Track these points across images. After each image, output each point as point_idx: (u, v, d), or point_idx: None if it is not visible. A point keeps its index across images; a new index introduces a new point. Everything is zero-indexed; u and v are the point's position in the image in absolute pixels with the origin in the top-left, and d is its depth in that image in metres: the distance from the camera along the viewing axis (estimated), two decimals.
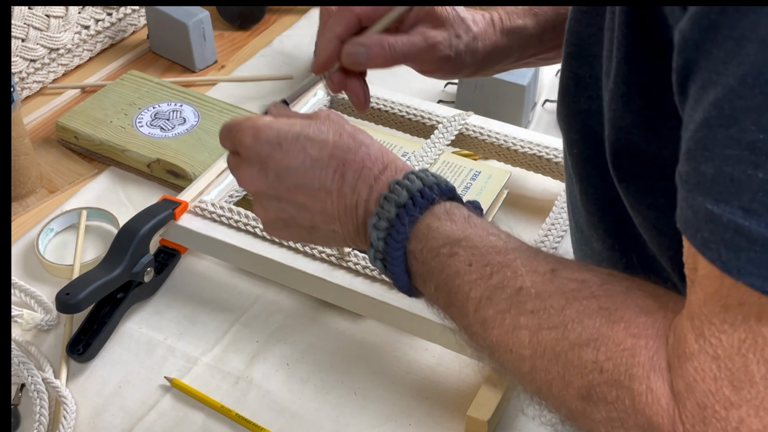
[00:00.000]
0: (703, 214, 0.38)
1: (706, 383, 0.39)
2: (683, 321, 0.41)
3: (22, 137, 0.92)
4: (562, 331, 0.45)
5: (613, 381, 0.42)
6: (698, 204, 0.38)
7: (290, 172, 0.56)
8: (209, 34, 1.15)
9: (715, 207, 0.37)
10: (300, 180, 0.56)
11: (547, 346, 0.45)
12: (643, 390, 0.41)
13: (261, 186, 0.57)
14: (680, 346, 0.41)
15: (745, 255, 0.37)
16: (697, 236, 0.39)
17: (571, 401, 0.45)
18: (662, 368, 0.41)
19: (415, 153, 0.91)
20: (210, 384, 0.75)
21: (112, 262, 0.77)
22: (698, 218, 0.38)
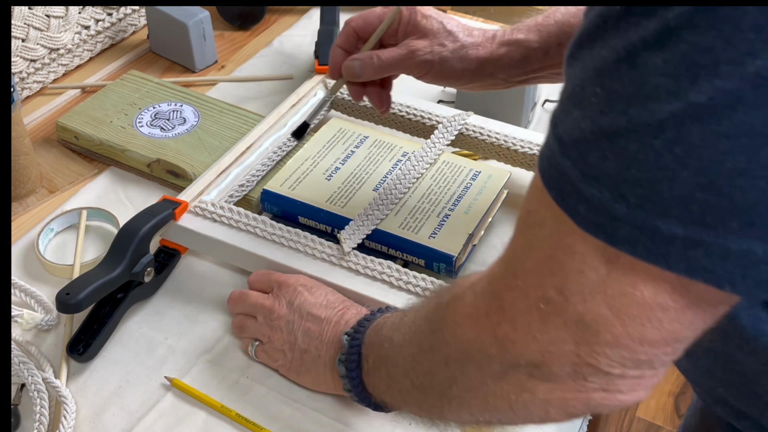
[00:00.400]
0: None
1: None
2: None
3: (22, 137, 0.92)
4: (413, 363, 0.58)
5: (454, 347, 0.53)
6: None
7: (309, 306, 0.73)
8: (209, 34, 1.15)
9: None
10: (314, 312, 0.72)
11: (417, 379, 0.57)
12: (457, 317, 0.52)
13: (284, 313, 0.74)
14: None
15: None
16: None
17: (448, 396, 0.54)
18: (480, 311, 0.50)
19: (415, 153, 0.91)
20: (210, 384, 0.75)
21: (112, 262, 0.77)
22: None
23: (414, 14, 0.78)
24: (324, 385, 0.72)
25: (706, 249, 0.39)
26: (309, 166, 0.91)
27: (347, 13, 1.26)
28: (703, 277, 0.39)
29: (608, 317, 0.43)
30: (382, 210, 0.84)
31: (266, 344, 0.75)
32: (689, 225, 0.38)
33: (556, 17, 0.77)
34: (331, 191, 0.87)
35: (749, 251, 0.38)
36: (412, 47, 0.76)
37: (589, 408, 0.48)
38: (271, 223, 0.83)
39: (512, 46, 0.77)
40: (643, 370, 0.45)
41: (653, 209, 0.39)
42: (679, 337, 0.44)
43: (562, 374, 0.46)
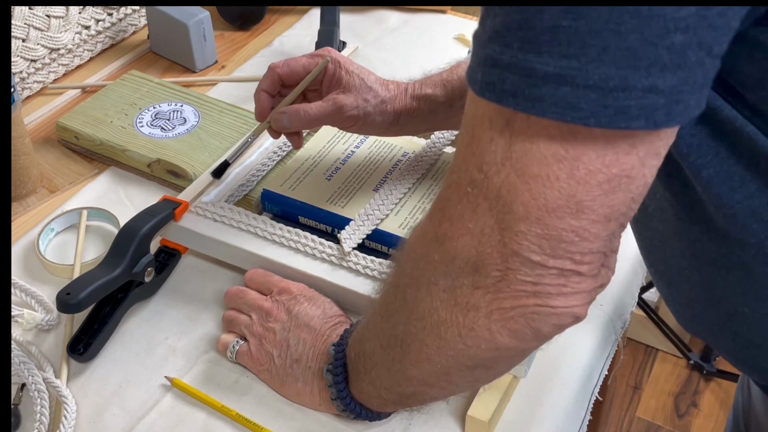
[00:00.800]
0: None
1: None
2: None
3: (22, 137, 0.92)
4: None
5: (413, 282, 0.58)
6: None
7: (307, 316, 0.74)
8: (209, 34, 1.15)
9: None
10: (311, 323, 0.74)
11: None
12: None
13: (282, 318, 0.75)
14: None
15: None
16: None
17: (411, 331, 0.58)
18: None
19: (415, 153, 0.91)
20: (210, 384, 0.75)
21: (113, 262, 0.77)
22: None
23: (338, 69, 0.83)
24: (308, 397, 0.72)
25: (571, 82, 0.44)
26: (309, 166, 0.91)
27: (347, 13, 1.27)
28: (572, 116, 0.44)
29: (517, 184, 0.48)
30: (382, 210, 0.84)
31: (253, 345, 0.75)
32: (558, 59, 0.43)
33: (459, 73, 0.84)
34: (331, 191, 0.87)
35: (605, 78, 0.43)
36: (339, 103, 0.81)
37: (526, 320, 0.52)
38: (271, 223, 0.83)
39: (422, 100, 0.85)
40: (563, 261, 0.49)
41: (530, 48, 0.44)
42: (581, 205, 0.47)
43: (497, 275, 0.51)
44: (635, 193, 0.49)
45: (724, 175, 0.55)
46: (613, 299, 0.84)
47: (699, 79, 0.44)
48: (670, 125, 0.45)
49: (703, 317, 0.68)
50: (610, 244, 0.51)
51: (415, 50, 1.20)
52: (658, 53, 0.42)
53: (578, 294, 0.51)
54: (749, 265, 0.59)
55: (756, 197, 0.55)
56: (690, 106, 0.45)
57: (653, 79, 0.43)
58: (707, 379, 1.91)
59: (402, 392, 0.64)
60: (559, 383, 0.76)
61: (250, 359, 0.75)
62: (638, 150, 0.47)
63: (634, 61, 0.43)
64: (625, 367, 1.94)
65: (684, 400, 1.88)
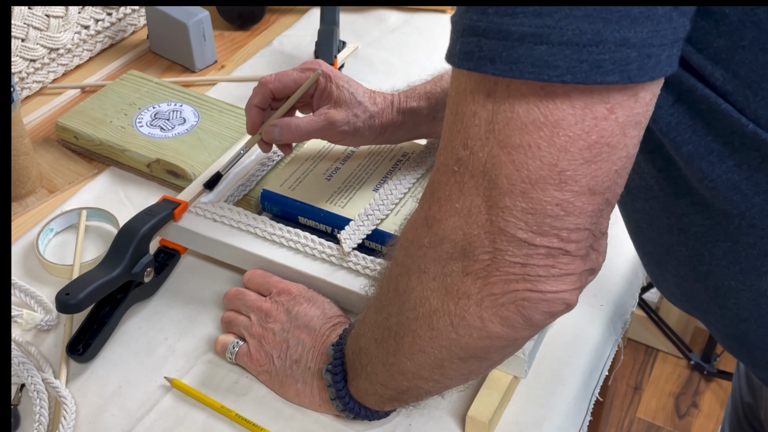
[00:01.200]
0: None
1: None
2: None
3: (22, 137, 0.92)
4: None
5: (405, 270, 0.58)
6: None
7: (306, 317, 0.74)
8: (209, 34, 1.15)
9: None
10: (310, 323, 0.74)
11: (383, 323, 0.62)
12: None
13: (281, 319, 0.75)
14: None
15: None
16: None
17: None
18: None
19: (415, 153, 0.91)
20: (210, 384, 0.75)
21: (112, 262, 0.77)
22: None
23: (329, 83, 0.84)
24: (308, 398, 0.72)
25: (546, 40, 0.44)
26: (309, 166, 0.91)
27: (347, 13, 1.27)
28: (548, 74, 0.45)
29: (500, 157, 0.48)
30: (382, 210, 0.83)
31: (253, 346, 0.75)
32: (533, 18, 0.44)
33: (442, 85, 0.86)
34: (331, 191, 0.87)
35: (579, 33, 0.44)
36: (331, 119, 0.83)
37: (517, 307, 0.52)
38: (271, 223, 0.83)
39: (407, 114, 0.87)
40: (550, 239, 0.49)
41: (505, 11, 0.45)
42: (563, 175, 0.48)
43: (486, 259, 0.51)
44: (618, 165, 0.49)
45: (703, 152, 0.56)
46: (614, 299, 0.84)
47: (668, 35, 0.45)
48: (643, 80, 0.46)
49: (692, 294, 0.68)
50: (597, 223, 0.51)
51: (415, 50, 1.20)
52: (628, 5, 0.44)
53: (568, 276, 0.51)
54: (734, 236, 0.60)
55: (735, 172, 0.56)
56: (661, 62, 0.46)
57: (624, 31, 0.44)
58: (708, 379, 1.91)
59: (397, 387, 0.64)
60: (560, 383, 0.76)
61: (250, 360, 0.75)
62: (617, 115, 0.47)
63: (605, 13, 0.44)
64: (626, 368, 1.93)
65: (684, 400, 1.88)
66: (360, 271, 0.78)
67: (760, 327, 0.64)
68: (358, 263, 0.79)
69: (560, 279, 0.51)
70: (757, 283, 0.61)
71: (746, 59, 0.51)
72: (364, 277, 0.78)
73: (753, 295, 0.62)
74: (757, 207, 0.57)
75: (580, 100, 0.46)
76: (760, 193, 0.56)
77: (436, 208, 0.53)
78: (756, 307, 0.63)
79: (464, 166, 0.50)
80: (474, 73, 0.48)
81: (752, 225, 0.58)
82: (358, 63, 1.17)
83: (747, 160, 0.55)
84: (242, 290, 0.79)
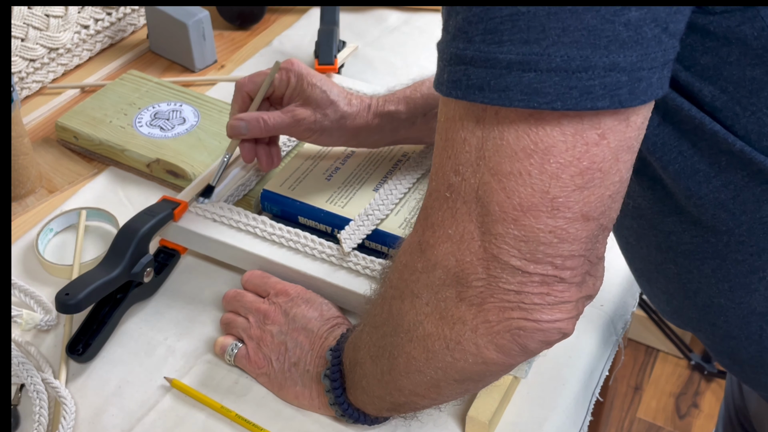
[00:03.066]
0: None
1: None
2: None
3: (21, 137, 0.92)
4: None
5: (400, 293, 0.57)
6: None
7: (304, 319, 0.74)
8: (209, 33, 1.15)
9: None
10: (308, 325, 0.73)
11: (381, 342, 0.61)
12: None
13: (279, 321, 0.75)
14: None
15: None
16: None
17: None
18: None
19: (415, 153, 0.91)
20: (209, 384, 0.75)
21: (112, 263, 0.77)
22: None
23: (301, 81, 0.83)
24: (307, 401, 0.72)
25: (534, 67, 0.44)
26: (309, 166, 0.90)
27: (347, 12, 1.27)
28: (538, 101, 0.44)
29: (491, 184, 0.48)
30: (382, 210, 0.83)
31: (251, 348, 0.75)
32: (520, 46, 0.44)
33: (422, 91, 0.85)
34: (331, 191, 0.87)
35: (567, 59, 0.43)
36: (297, 116, 0.82)
37: (513, 336, 0.51)
38: (271, 223, 0.83)
39: (384, 118, 0.86)
40: (544, 266, 0.49)
41: (492, 39, 0.45)
42: (555, 202, 0.47)
43: (479, 286, 0.50)
44: (612, 190, 0.48)
45: (690, 171, 0.56)
46: (614, 300, 0.84)
47: (658, 57, 0.45)
48: (635, 104, 0.45)
49: (683, 311, 0.68)
50: (592, 249, 0.50)
51: (415, 50, 1.20)
52: (616, 30, 0.43)
53: (563, 305, 0.50)
54: (723, 253, 0.59)
55: (722, 191, 0.56)
56: (652, 85, 0.45)
57: (613, 56, 0.44)
58: (708, 379, 1.91)
59: (394, 401, 0.64)
60: (560, 384, 0.76)
61: (248, 363, 0.74)
62: (608, 140, 0.46)
63: (593, 39, 0.43)
64: (626, 368, 1.93)
65: (685, 400, 1.88)
66: (360, 272, 0.78)
67: (751, 344, 0.64)
68: (358, 263, 0.78)
69: (556, 307, 0.50)
70: (747, 300, 0.61)
71: (734, 75, 0.51)
72: (364, 277, 0.78)
73: (743, 312, 0.62)
74: (745, 225, 0.57)
75: (570, 126, 0.46)
76: (747, 212, 0.56)
77: (430, 234, 0.52)
78: (746, 324, 0.63)
79: (456, 192, 0.50)
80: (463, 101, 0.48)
81: (741, 242, 0.58)
82: (358, 63, 1.16)
83: (734, 180, 0.55)
84: (240, 291, 0.79)
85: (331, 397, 0.68)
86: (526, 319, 0.50)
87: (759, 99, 0.51)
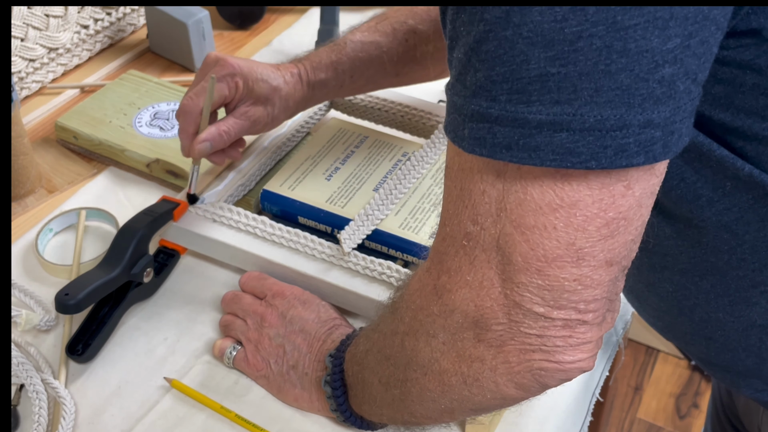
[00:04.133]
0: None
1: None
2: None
3: (21, 137, 0.92)
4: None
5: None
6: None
7: (302, 321, 0.74)
8: (209, 33, 1.15)
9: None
10: (305, 327, 0.73)
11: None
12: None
13: (276, 323, 0.74)
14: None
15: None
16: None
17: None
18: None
19: (415, 153, 0.91)
20: (209, 385, 0.75)
21: (112, 263, 0.77)
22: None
23: (247, 82, 0.83)
24: (307, 403, 0.72)
25: (567, 127, 0.43)
26: (309, 166, 0.90)
27: (347, 12, 1.26)
28: (571, 161, 0.44)
29: (513, 236, 0.47)
30: (382, 210, 0.83)
31: (249, 350, 0.74)
32: (550, 106, 0.43)
33: (347, 53, 0.88)
34: (331, 191, 0.87)
35: (601, 119, 0.43)
36: (252, 117, 0.84)
37: (533, 375, 0.50)
38: (271, 224, 0.83)
39: (316, 87, 0.88)
40: (567, 311, 0.48)
41: (519, 99, 0.44)
42: (581, 253, 0.46)
43: (499, 330, 0.50)
44: (634, 234, 0.48)
45: (691, 197, 0.56)
46: None
47: (688, 107, 0.45)
48: (667, 157, 0.45)
49: (675, 326, 0.68)
50: (614, 288, 0.50)
51: None
52: (650, 87, 0.43)
53: (584, 345, 0.50)
54: (723, 270, 0.59)
55: (725, 214, 0.56)
56: (683, 135, 0.45)
57: (648, 113, 0.43)
58: (708, 380, 1.91)
59: (404, 421, 0.63)
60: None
61: (247, 365, 0.74)
62: (634, 191, 0.46)
63: (628, 98, 0.42)
64: (626, 368, 1.93)
65: (685, 401, 1.88)
66: (360, 272, 0.78)
67: (749, 356, 0.64)
68: (357, 263, 0.78)
69: (578, 348, 0.50)
70: (747, 314, 0.61)
71: (746, 103, 0.51)
72: (364, 277, 0.78)
73: (742, 325, 0.62)
74: (748, 244, 0.57)
75: (597, 181, 0.45)
76: (751, 231, 0.56)
77: (446, 278, 0.52)
78: (745, 337, 0.63)
79: (474, 241, 0.49)
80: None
81: (743, 260, 0.58)
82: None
83: (738, 203, 0.55)
84: (238, 293, 0.79)
85: (333, 404, 0.68)
86: (548, 360, 0.50)
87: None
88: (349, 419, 0.68)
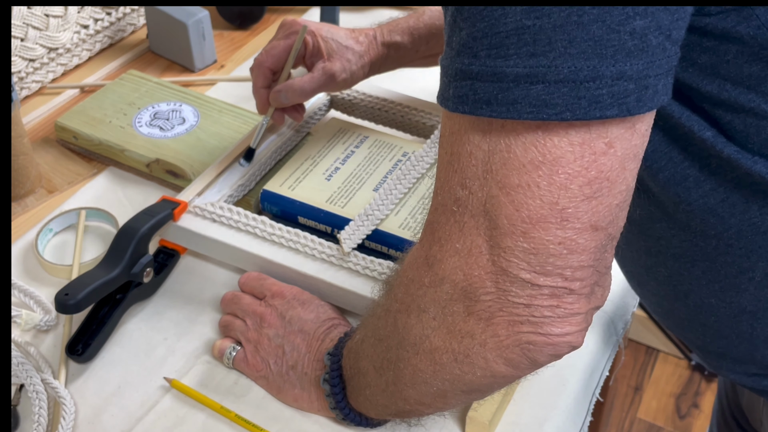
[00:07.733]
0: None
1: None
2: None
3: (21, 137, 0.92)
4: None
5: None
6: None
7: (301, 321, 0.74)
8: (209, 33, 1.15)
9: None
10: (304, 328, 0.73)
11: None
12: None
13: (275, 324, 0.74)
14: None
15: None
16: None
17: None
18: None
19: (415, 153, 0.91)
20: (209, 385, 0.75)
21: (111, 263, 0.77)
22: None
23: (316, 39, 0.87)
24: (306, 403, 0.72)
25: (542, 79, 0.44)
26: (309, 166, 0.90)
27: (347, 12, 1.26)
28: (547, 113, 0.44)
29: (499, 197, 0.48)
30: (382, 210, 0.83)
31: (249, 351, 0.74)
32: (527, 59, 0.44)
33: (424, 20, 0.91)
34: (331, 191, 0.87)
35: (575, 70, 0.44)
36: (329, 71, 0.87)
37: (522, 350, 0.51)
38: (271, 224, 0.82)
39: (391, 47, 0.91)
40: (554, 278, 0.48)
41: (498, 53, 0.45)
42: (565, 213, 0.47)
43: (488, 300, 0.50)
44: (619, 199, 0.48)
45: (679, 178, 0.56)
46: (615, 300, 0.84)
47: (663, 64, 0.45)
48: (642, 111, 0.45)
49: (673, 312, 0.69)
50: (601, 259, 0.50)
51: None
52: (622, 39, 0.44)
53: (573, 317, 0.50)
54: (712, 256, 0.60)
55: (711, 196, 0.56)
56: (658, 92, 0.46)
57: (620, 65, 0.44)
58: (708, 380, 1.91)
59: (399, 409, 0.64)
60: (560, 384, 0.75)
61: (247, 366, 0.74)
62: (615, 149, 0.47)
63: (600, 49, 0.44)
64: (626, 368, 1.93)
65: (685, 401, 1.88)
66: (360, 272, 0.78)
67: (741, 342, 0.64)
68: (357, 263, 0.78)
69: (566, 320, 0.50)
70: (737, 300, 0.62)
71: (731, 72, 0.51)
72: (364, 277, 0.78)
73: (733, 311, 0.63)
74: (734, 228, 0.57)
75: (578, 136, 0.46)
76: (736, 214, 0.57)
77: (437, 248, 0.52)
78: (736, 323, 0.63)
79: (463, 206, 0.50)
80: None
81: (729, 245, 0.59)
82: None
83: (723, 182, 0.56)
84: (238, 294, 0.79)
85: (332, 402, 0.68)
86: (536, 333, 0.50)
87: (757, 94, 0.52)
88: (348, 416, 0.68)
